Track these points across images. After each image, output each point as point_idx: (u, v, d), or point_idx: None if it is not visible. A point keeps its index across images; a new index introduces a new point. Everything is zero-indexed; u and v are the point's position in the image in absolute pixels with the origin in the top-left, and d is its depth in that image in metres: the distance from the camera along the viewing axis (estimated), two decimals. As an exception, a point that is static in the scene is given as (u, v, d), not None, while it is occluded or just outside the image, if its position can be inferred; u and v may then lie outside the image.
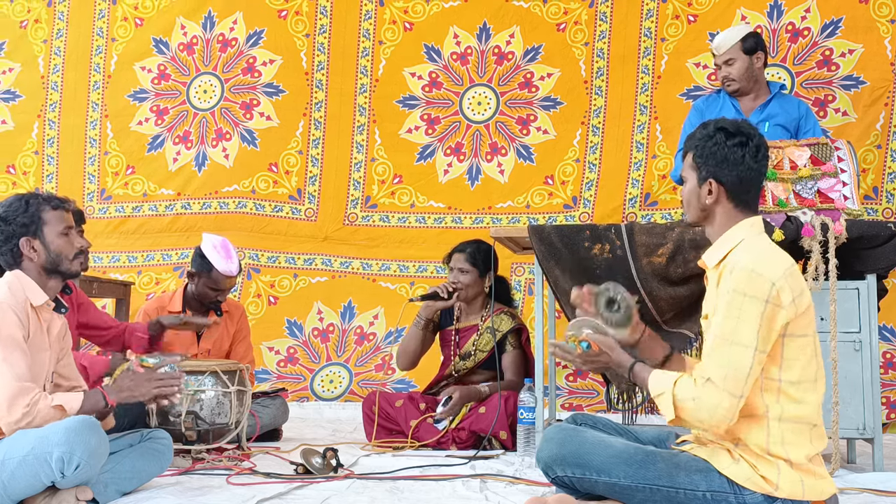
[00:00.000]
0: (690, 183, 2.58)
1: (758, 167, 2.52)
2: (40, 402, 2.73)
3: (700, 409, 2.34)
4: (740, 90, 4.51)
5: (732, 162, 2.49)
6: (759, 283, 2.33)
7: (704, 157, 2.53)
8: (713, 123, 2.57)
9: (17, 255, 2.91)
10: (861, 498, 3.09)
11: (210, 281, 4.30)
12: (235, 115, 6.22)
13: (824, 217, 3.62)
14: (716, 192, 2.52)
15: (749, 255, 2.40)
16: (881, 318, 4.75)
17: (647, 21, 5.88)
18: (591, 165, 5.88)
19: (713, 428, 2.36)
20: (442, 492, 3.14)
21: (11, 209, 2.91)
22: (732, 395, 2.32)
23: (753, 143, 2.51)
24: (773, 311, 2.32)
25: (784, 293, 2.33)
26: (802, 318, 2.38)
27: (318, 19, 6.23)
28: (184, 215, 6.19)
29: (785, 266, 2.39)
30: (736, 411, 2.33)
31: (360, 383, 5.80)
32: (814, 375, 2.41)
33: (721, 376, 2.33)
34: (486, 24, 6.07)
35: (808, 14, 5.64)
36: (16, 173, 6.32)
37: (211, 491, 3.09)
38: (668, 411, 2.40)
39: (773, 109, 4.49)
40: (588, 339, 2.56)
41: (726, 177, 2.50)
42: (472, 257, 4.46)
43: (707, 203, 2.54)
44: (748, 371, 2.32)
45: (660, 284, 3.75)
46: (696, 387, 2.36)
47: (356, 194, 6.12)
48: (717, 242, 2.53)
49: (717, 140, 2.51)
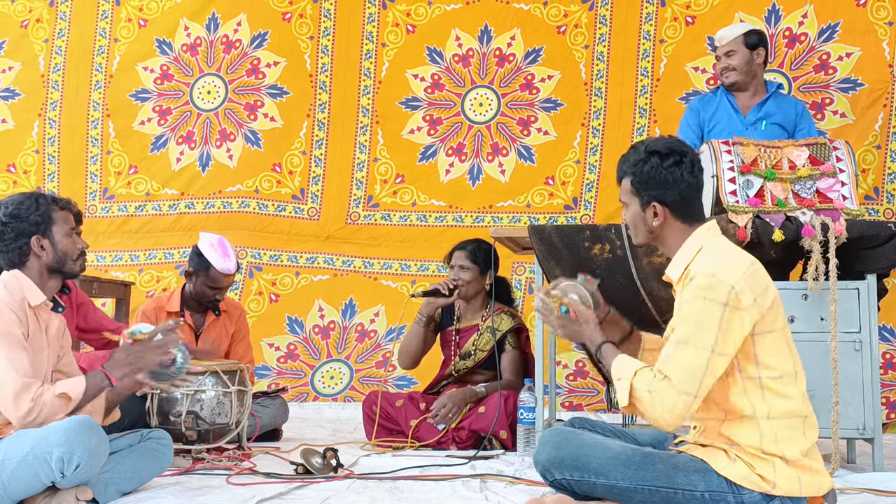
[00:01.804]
0: (633, 208, 2.61)
1: (696, 182, 2.55)
2: (44, 395, 2.74)
3: (654, 402, 2.38)
4: (737, 84, 4.50)
5: (672, 182, 2.53)
6: (719, 287, 2.36)
7: (643, 182, 2.56)
8: (643, 146, 2.59)
9: (25, 254, 2.91)
10: (861, 498, 3.09)
11: (208, 279, 4.29)
12: (239, 115, 6.23)
13: (824, 217, 3.62)
14: (661, 214, 2.56)
15: (708, 261, 2.44)
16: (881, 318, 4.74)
17: (646, 24, 5.89)
18: (591, 167, 5.89)
19: (664, 423, 2.40)
20: (442, 492, 3.14)
21: (23, 207, 2.91)
22: (687, 395, 2.36)
23: (688, 160, 2.54)
24: (733, 314, 2.35)
25: (744, 295, 2.36)
26: (769, 314, 2.41)
27: (321, 22, 6.25)
28: (187, 214, 6.20)
29: (744, 268, 2.41)
30: (689, 410, 2.37)
31: (361, 380, 5.81)
32: (792, 368, 2.43)
33: (677, 375, 2.37)
34: (487, 27, 6.09)
35: (806, 19, 5.66)
36: (16, 172, 6.33)
37: (211, 491, 3.09)
38: (623, 397, 2.45)
39: (771, 108, 4.49)
40: (569, 306, 2.62)
41: (669, 198, 2.54)
42: (473, 255, 4.47)
43: (654, 225, 2.58)
44: (703, 372, 2.35)
45: (660, 285, 3.75)
46: (654, 381, 2.39)
47: (359, 194, 6.13)
48: (677, 256, 2.57)
49: (652, 164, 2.54)
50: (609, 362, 2.54)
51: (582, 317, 2.62)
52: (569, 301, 2.64)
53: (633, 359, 2.54)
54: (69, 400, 2.79)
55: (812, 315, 3.64)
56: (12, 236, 2.89)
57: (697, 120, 4.57)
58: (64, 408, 2.78)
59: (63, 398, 2.78)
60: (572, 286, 2.68)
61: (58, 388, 2.78)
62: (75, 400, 2.80)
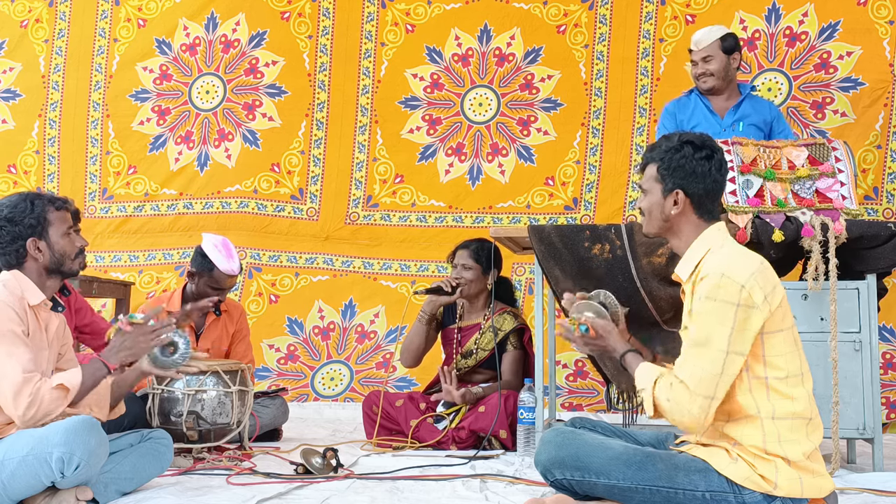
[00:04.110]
0: (654, 195, 2.63)
1: (721, 180, 2.60)
2: (42, 388, 2.73)
3: (674, 410, 2.41)
4: (714, 88, 4.51)
5: (700, 175, 2.56)
6: (730, 286, 2.37)
7: (671, 170, 2.58)
8: (677, 136, 2.62)
9: (22, 256, 2.90)
10: (861, 498, 3.08)
11: (212, 280, 4.30)
12: (238, 115, 6.23)
13: (824, 217, 3.62)
14: (682, 204, 2.57)
15: (718, 261, 2.45)
16: (881, 318, 4.76)
17: (646, 23, 5.89)
18: (591, 167, 5.89)
19: (688, 428, 2.43)
20: (442, 492, 3.14)
21: (18, 210, 2.89)
22: (704, 397, 2.37)
23: (718, 157, 2.58)
24: (745, 312, 2.36)
25: (755, 293, 2.37)
26: (777, 313, 2.42)
27: (320, 21, 6.25)
28: (186, 215, 6.20)
29: (753, 267, 2.43)
30: (709, 412, 2.38)
31: (361, 381, 5.81)
32: (799, 369, 2.44)
33: (693, 379, 2.38)
34: (486, 26, 6.09)
35: (806, 18, 5.65)
36: (17, 173, 6.33)
37: (211, 491, 3.09)
38: (648, 407, 2.49)
39: (746, 110, 4.51)
40: (587, 323, 2.67)
41: (693, 189, 2.56)
42: (476, 254, 4.48)
43: (672, 214, 2.59)
44: (719, 374, 2.36)
45: (660, 284, 3.75)
46: (671, 389, 2.42)
47: (358, 194, 6.13)
48: (686, 254, 2.58)
49: (684, 153, 2.57)
50: (633, 373, 2.58)
51: (602, 330, 2.67)
52: (585, 320, 2.68)
53: (653, 366, 2.56)
54: (66, 391, 2.78)
55: (812, 315, 3.64)
56: (8, 239, 2.89)
57: (674, 123, 4.58)
58: (63, 399, 2.77)
59: (60, 389, 2.77)
60: (584, 305, 2.73)
61: (54, 380, 2.78)
62: (73, 390, 2.79)
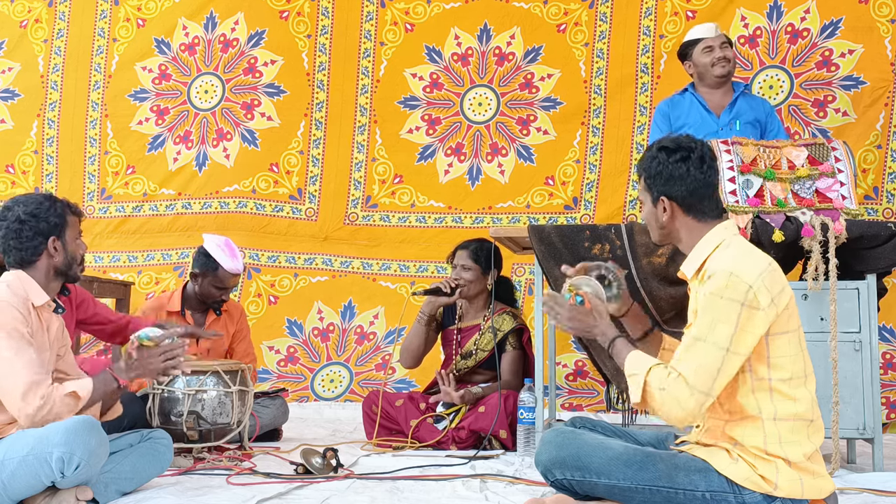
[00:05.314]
0: (647, 205, 2.65)
1: (704, 177, 2.56)
2: (54, 393, 2.76)
3: (666, 400, 2.39)
4: (728, 75, 4.53)
5: (678, 177, 2.55)
6: (737, 285, 2.36)
7: (653, 178, 2.59)
8: (654, 144, 2.63)
9: (38, 253, 2.94)
10: (861, 498, 3.09)
11: (216, 280, 4.32)
12: (236, 115, 6.22)
13: (824, 217, 3.62)
14: (670, 209, 2.58)
15: (726, 259, 2.44)
16: (881, 318, 4.75)
17: (645, 19, 5.88)
18: (591, 166, 5.89)
19: (676, 421, 2.40)
20: (442, 492, 3.14)
21: (43, 207, 2.94)
22: (700, 393, 2.36)
23: (696, 155, 2.56)
24: (750, 313, 2.35)
25: (762, 295, 2.36)
26: (784, 315, 2.41)
27: (319, 20, 6.24)
28: (184, 215, 6.19)
29: (762, 267, 2.41)
30: (702, 408, 2.37)
31: (361, 383, 5.80)
32: (803, 371, 2.43)
33: (692, 373, 2.36)
34: (486, 26, 6.08)
35: (808, 15, 5.65)
36: (15, 172, 6.32)
37: (211, 491, 3.09)
38: (636, 394, 2.45)
39: (742, 107, 4.52)
40: (585, 296, 2.64)
41: (676, 192, 2.56)
42: (475, 254, 4.47)
43: (664, 221, 2.60)
44: (717, 371, 2.35)
45: (660, 284, 3.76)
46: (667, 378, 2.40)
47: (357, 194, 6.12)
48: (692, 253, 2.57)
49: (660, 159, 2.57)
50: (622, 358, 2.55)
51: (596, 309, 2.64)
52: (584, 292, 2.65)
53: (647, 355, 2.54)
54: (78, 399, 2.81)
55: (812, 315, 3.64)
56: (30, 234, 2.92)
57: (668, 122, 4.58)
58: (73, 406, 2.80)
59: (72, 397, 2.80)
60: (585, 279, 2.70)
61: (67, 388, 2.80)
62: (84, 399, 2.83)
